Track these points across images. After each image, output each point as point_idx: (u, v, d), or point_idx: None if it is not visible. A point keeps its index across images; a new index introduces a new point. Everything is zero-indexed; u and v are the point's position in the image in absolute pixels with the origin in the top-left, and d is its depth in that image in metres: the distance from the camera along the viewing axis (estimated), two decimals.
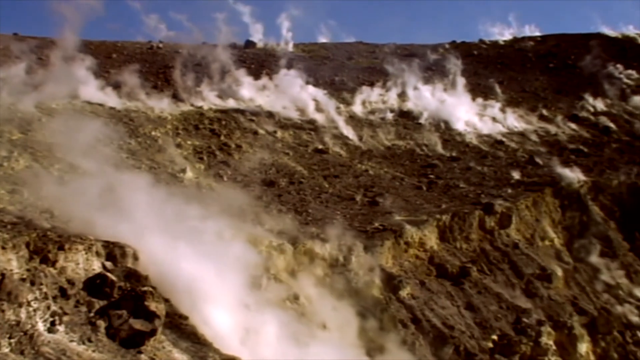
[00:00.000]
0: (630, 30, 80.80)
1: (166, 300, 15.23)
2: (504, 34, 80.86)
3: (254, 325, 17.93)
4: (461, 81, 56.22)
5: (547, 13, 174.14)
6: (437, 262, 29.57)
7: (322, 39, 75.40)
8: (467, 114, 51.34)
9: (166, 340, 14.23)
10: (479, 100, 53.86)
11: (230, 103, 44.26)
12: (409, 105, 51.67)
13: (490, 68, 65.70)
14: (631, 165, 41.82)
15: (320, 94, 48.56)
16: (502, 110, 53.25)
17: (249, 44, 64.06)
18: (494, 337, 26.65)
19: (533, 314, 28.60)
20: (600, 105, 56.80)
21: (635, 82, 62.62)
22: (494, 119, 51.70)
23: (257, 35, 65.82)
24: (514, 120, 52.05)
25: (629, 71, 64.74)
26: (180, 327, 15.26)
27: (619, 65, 65.29)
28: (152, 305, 13.88)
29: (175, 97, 42.56)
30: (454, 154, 43.94)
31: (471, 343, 25.63)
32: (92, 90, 38.25)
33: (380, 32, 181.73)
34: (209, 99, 43.96)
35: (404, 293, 26.48)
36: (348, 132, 44.71)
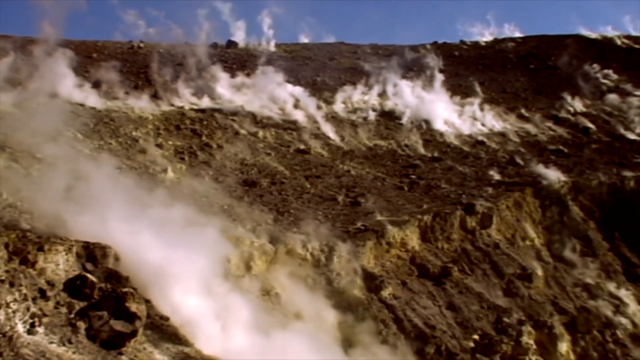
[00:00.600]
0: (609, 31, 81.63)
1: (147, 301, 15.15)
2: (483, 34, 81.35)
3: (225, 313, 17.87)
4: (442, 82, 56.45)
5: (525, 13, 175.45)
6: (419, 262, 29.63)
7: (304, 39, 75.44)
8: (448, 114, 51.55)
9: (147, 342, 14.16)
10: (460, 100, 54.10)
11: (212, 103, 44.13)
12: (391, 105, 51.81)
13: (471, 69, 65.99)
14: (610, 166, 42.18)
15: (302, 94, 48.55)
16: (483, 110, 53.51)
17: (231, 43, 63.92)
18: (475, 336, 26.74)
19: (514, 313, 28.73)
20: (579, 105, 57.24)
21: (614, 82, 63.19)
22: (475, 119, 51.95)
23: (239, 34, 65.75)
24: (494, 121, 52.31)
25: (608, 72, 65.32)
26: (161, 328, 15.19)
27: (598, 66, 65.88)
28: (133, 307, 13.80)
29: (156, 97, 42.38)
30: (435, 154, 44.07)
31: (452, 343, 25.72)
32: (72, 89, 37.99)
33: (361, 32, 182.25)
34: (190, 99, 43.82)
35: (385, 293, 26.52)
36: (330, 132, 44.71)
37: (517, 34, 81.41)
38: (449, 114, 51.51)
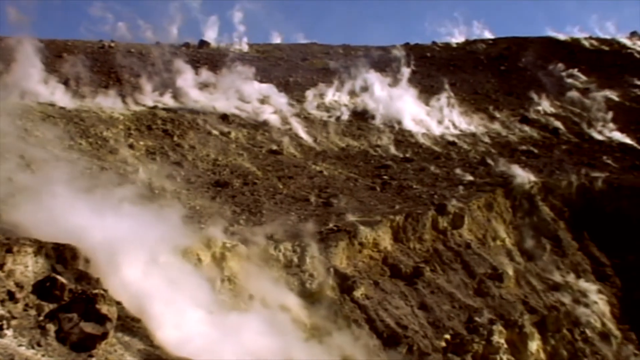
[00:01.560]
0: (577, 33, 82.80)
1: (118, 303, 15.02)
2: (452, 33, 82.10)
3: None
4: (414, 83, 56.74)
5: (492, 13, 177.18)
6: (391, 262, 29.71)
7: (276, 39, 75.53)
8: (419, 115, 51.85)
9: (118, 344, 14.02)
10: (432, 101, 54.41)
11: (184, 103, 43.91)
12: (363, 106, 51.96)
13: (443, 70, 66.40)
14: (580, 166, 42.66)
15: (274, 94, 48.53)
16: (455, 111, 53.88)
17: (203, 43, 63.74)
18: (447, 336, 26.89)
19: (485, 313, 28.91)
20: (549, 107, 57.88)
21: (583, 84, 63.98)
22: (447, 121, 52.31)
23: (211, 32, 65.74)
24: (465, 122, 52.71)
25: (577, 73, 66.19)
26: (132, 329, 15.06)
27: (567, 68, 66.75)
28: (104, 308, 13.66)
29: (128, 97, 42.06)
30: (407, 155, 44.27)
31: (424, 342, 25.82)
32: (41, 89, 37.57)
33: (332, 30, 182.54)
34: (161, 99, 43.58)
35: (358, 293, 26.56)
36: (302, 133, 44.73)
37: (486, 32, 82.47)
38: (420, 114, 51.81)
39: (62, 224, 16.67)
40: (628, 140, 51.07)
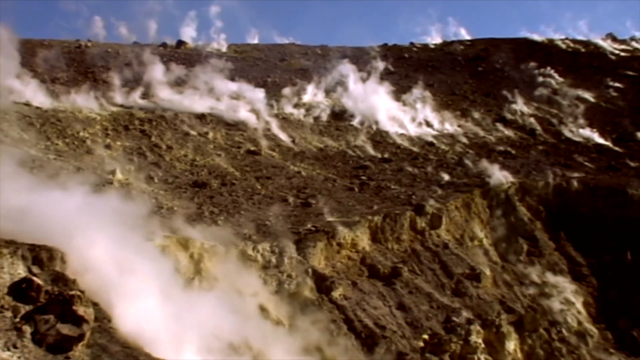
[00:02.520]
0: (554, 35, 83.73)
1: (95, 304, 14.91)
2: (429, 32, 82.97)
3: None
4: (392, 83, 56.92)
5: (467, 12, 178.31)
6: (369, 262, 29.75)
7: (253, 39, 75.69)
8: (397, 115, 52.02)
9: (95, 345, 13.94)
10: (410, 102, 54.60)
11: (161, 103, 43.70)
12: (341, 106, 52.04)
13: (421, 71, 66.69)
14: (556, 167, 43.02)
15: (252, 95, 48.44)
16: (433, 112, 54.14)
17: (181, 43, 63.59)
18: (425, 336, 26.96)
19: (463, 313, 29.02)
20: (526, 108, 58.33)
21: (559, 85, 64.57)
22: (425, 121, 52.55)
23: (189, 30, 65.72)
24: (443, 122, 52.97)
25: (554, 74, 66.80)
26: (109, 331, 14.96)
27: (543, 69, 67.37)
28: (81, 310, 13.56)
29: (105, 97, 41.78)
30: (385, 156, 44.37)
31: (402, 343, 25.88)
32: (17, 89, 37.20)
33: (312, 32, 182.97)
34: (139, 100, 43.33)
35: (336, 294, 26.58)
36: (280, 133, 44.69)
37: (462, 30, 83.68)
38: (398, 115, 51.98)
39: (36, 224, 16.50)
40: (603, 141, 51.64)
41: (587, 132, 53.26)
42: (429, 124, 52.39)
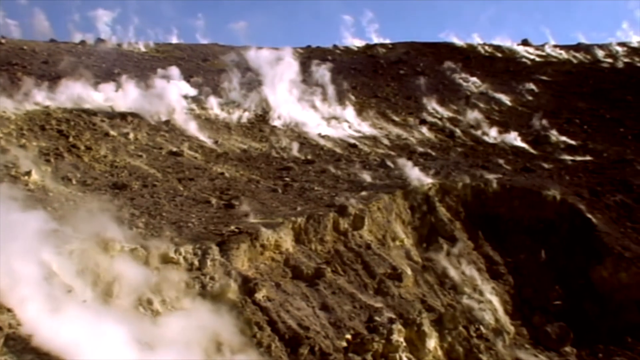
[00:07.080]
0: (475, 40, 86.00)
1: (8, 310, 14.50)
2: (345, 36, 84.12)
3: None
4: (316, 85, 57.24)
5: (392, 15, 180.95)
6: (293, 264, 29.76)
7: (172, 38, 75.02)
8: (321, 118, 52.35)
9: (9, 353, 13.56)
10: (333, 104, 55.02)
11: (80, 103, 42.75)
12: (265, 108, 52.01)
13: (344, 73, 67.33)
14: (475, 168, 44.05)
15: (175, 95, 47.88)
16: (355, 114, 54.69)
17: (100, 41, 62.38)
18: (348, 336, 27.08)
19: (385, 312, 29.29)
20: (446, 111, 59.59)
21: (478, 89, 66.25)
22: (348, 123, 53.03)
23: (103, 26, 64.73)
24: (366, 125, 53.57)
25: (473, 79, 68.55)
26: (24, 338, 14.56)
27: (464, 73, 69.05)
28: None
29: (20, 96, 40.58)
30: (308, 157, 44.54)
31: (326, 343, 25.96)
32: None
33: (235, 33, 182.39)
34: (56, 99, 42.26)
35: (259, 295, 26.47)
36: (203, 134, 44.34)
37: (375, 24, 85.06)
38: (321, 117, 52.29)
39: None
40: (519, 143, 53.18)
41: (503, 134, 54.73)
42: (352, 126, 52.89)
